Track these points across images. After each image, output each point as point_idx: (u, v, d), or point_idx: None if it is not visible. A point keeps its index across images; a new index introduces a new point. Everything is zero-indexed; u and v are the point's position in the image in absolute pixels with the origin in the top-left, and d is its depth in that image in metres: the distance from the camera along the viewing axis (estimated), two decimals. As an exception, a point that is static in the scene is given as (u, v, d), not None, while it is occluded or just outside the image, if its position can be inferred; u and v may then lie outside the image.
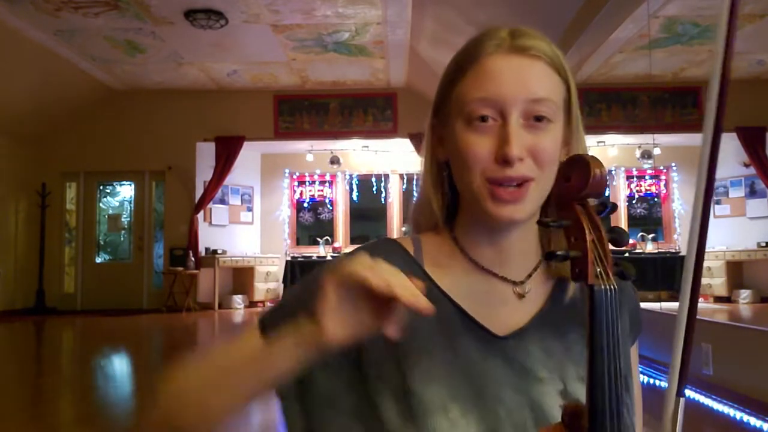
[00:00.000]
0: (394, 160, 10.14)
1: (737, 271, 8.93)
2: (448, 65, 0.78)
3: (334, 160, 9.85)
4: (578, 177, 0.60)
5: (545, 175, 0.72)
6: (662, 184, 10.20)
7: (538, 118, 0.71)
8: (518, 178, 0.70)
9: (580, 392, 0.70)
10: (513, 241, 0.76)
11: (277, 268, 9.98)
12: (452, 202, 0.81)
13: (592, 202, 0.61)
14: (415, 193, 0.87)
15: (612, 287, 0.58)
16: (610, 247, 0.59)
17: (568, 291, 0.79)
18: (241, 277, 9.89)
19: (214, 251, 9.59)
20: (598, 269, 0.58)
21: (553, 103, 0.73)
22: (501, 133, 0.70)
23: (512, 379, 0.71)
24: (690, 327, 0.61)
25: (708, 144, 0.64)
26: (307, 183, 10.57)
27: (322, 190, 10.59)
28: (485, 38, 0.74)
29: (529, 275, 0.77)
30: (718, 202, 9.64)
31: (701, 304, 9.25)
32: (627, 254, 9.06)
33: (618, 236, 0.58)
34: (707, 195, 0.63)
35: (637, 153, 9.34)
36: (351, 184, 10.48)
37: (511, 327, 0.75)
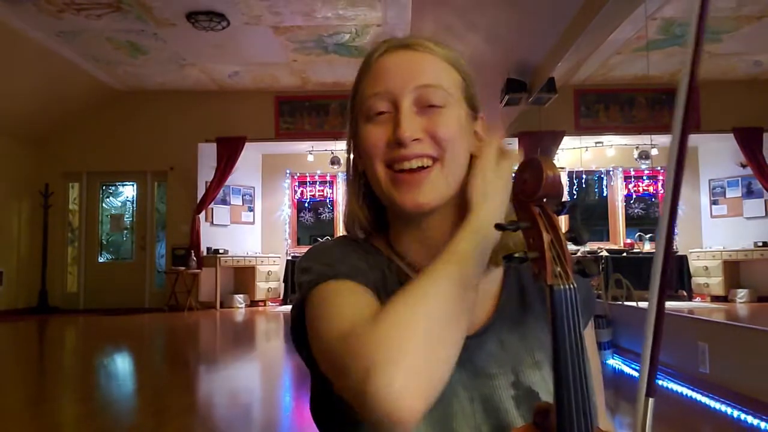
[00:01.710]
0: (394, 160, 10.16)
1: (734, 271, 8.94)
2: None
3: (335, 161, 9.88)
4: (532, 179, 0.61)
5: (449, 156, 0.74)
6: (659, 184, 10.23)
7: (431, 105, 0.74)
8: (414, 156, 0.72)
9: (534, 379, 0.72)
10: (434, 235, 0.76)
11: (278, 268, 10.03)
12: (381, 212, 0.83)
13: (550, 203, 0.61)
14: None
15: (571, 286, 0.58)
16: (571, 246, 0.60)
17: (516, 279, 0.80)
18: (243, 277, 9.94)
19: (216, 251, 9.64)
20: (557, 269, 0.58)
21: (444, 90, 0.74)
22: (394, 121, 0.73)
23: (463, 378, 0.71)
24: (658, 329, 0.62)
25: (674, 152, 0.65)
26: (308, 183, 10.61)
27: (322, 191, 10.64)
28: (378, 45, 0.79)
29: None
30: (715, 202, 9.68)
31: (699, 304, 9.27)
32: (625, 254, 9.11)
33: (577, 235, 0.58)
34: (674, 199, 0.63)
35: (635, 153, 9.37)
36: (351, 185, 10.51)
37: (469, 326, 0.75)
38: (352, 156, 0.83)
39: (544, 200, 0.61)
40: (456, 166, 0.75)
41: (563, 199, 0.61)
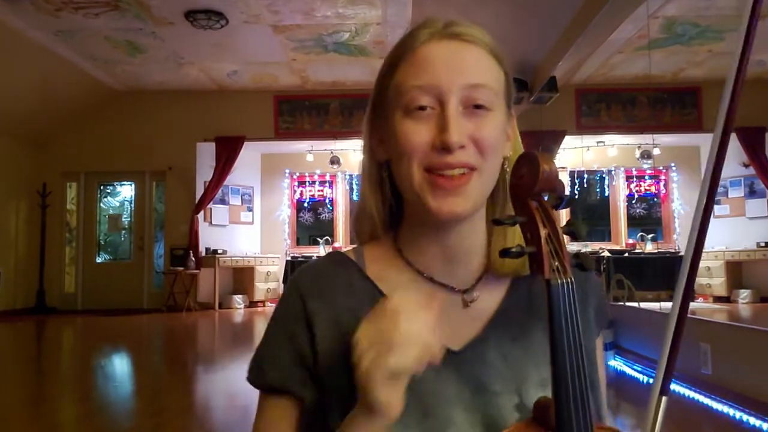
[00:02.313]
0: (394, 160, 10.17)
1: (736, 271, 8.95)
2: (384, 60, 0.76)
3: (334, 160, 9.87)
4: (529, 173, 0.60)
5: (488, 165, 0.69)
6: (661, 184, 10.22)
7: (477, 106, 0.69)
8: (458, 165, 0.67)
9: None
10: (459, 243, 0.73)
11: (278, 268, 10.01)
12: (396, 208, 0.78)
13: (548, 197, 0.61)
14: None
15: (569, 281, 0.57)
16: (568, 240, 0.59)
17: (526, 288, 0.75)
18: (242, 277, 9.91)
19: (215, 251, 9.61)
20: (555, 263, 0.57)
21: (492, 90, 0.70)
22: (440, 121, 0.68)
23: (465, 396, 0.67)
24: (679, 328, 0.60)
25: (716, 147, 0.63)
26: (308, 183, 10.59)
27: (322, 190, 10.61)
28: (419, 28, 0.73)
29: (479, 279, 0.74)
30: (717, 202, 9.66)
31: (701, 304, 9.28)
32: (626, 254, 9.09)
33: (575, 229, 0.58)
34: (710, 197, 0.62)
35: (637, 153, 9.36)
36: (351, 184, 10.50)
37: (465, 337, 0.71)
38: (370, 144, 0.78)
39: (542, 195, 0.61)
40: (492, 174, 0.72)
41: (561, 194, 0.61)
